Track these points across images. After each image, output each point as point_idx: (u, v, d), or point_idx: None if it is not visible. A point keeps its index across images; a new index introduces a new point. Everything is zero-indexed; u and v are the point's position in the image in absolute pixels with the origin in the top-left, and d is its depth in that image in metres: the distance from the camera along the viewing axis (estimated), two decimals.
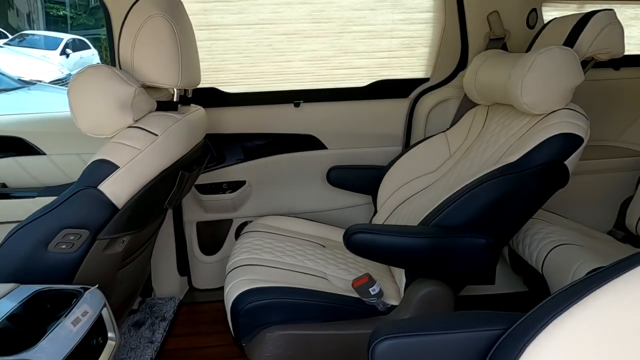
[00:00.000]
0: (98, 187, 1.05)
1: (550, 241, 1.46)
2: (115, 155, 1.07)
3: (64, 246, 1.07)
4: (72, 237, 1.07)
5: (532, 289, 1.60)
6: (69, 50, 9.69)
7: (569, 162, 1.18)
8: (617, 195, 1.87)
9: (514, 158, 1.19)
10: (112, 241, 1.13)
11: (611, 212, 1.90)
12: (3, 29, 10.69)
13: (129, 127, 1.11)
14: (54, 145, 1.75)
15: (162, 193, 1.23)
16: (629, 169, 1.84)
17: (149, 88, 1.21)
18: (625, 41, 1.33)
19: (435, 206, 1.24)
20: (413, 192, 1.62)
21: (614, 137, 1.93)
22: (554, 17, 1.46)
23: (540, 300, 0.63)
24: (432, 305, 1.20)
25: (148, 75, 1.17)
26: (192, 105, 1.44)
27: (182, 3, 1.26)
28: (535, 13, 1.65)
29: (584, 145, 1.19)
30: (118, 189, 1.07)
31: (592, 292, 0.56)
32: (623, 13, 1.79)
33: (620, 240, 1.70)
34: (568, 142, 1.16)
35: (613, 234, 1.76)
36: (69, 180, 1.77)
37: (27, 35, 10.23)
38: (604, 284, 0.56)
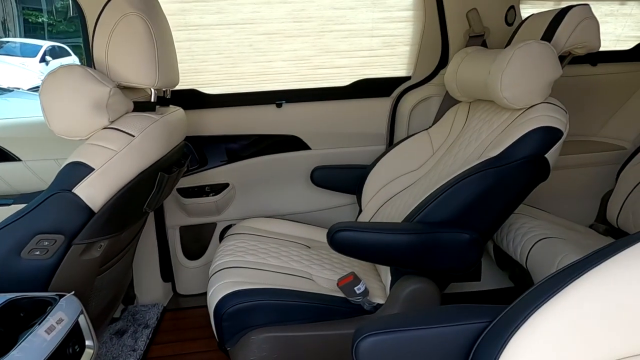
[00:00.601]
0: (73, 191, 1.02)
1: (533, 235, 1.47)
2: (90, 157, 1.04)
3: (37, 252, 1.03)
4: (46, 243, 1.03)
5: (518, 284, 1.61)
6: (48, 58, 9.50)
7: (550, 155, 1.19)
8: (597, 189, 1.89)
9: (495, 152, 1.20)
10: (89, 246, 1.10)
11: (593, 205, 1.92)
12: None
13: (105, 128, 1.08)
14: (29, 150, 1.70)
15: (140, 195, 1.20)
16: (609, 162, 1.86)
17: (125, 89, 1.19)
18: (601, 37, 1.35)
19: (418, 203, 1.24)
20: (397, 190, 1.62)
21: (593, 132, 1.95)
22: (532, 13, 1.47)
23: None
24: (418, 302, 1.20)
25: (124, 75, 1.14)
26: (170, 106, 1.41)
27: (158, 2, 1.24)
28: (513, 10, 1.66)
29: (563, 138, 1.19)
30: (94, 192, 1.04)
31: (573, 281, 0.56)
32: (598, 10, 1.82)
33: (602, 234, 1.72)
34: (548, 135, 1.17)
35: (595, 228, 1.78)
36: (45, 186, 1.72)
37: (5, 42, 10.02)
38: (584, 273, 0.56)
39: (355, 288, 1.20)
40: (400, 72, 1.82)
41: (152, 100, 1.23)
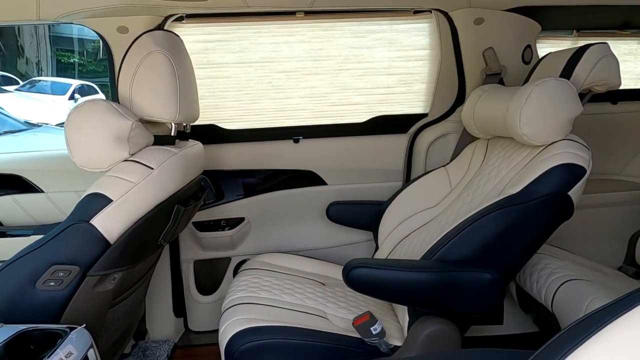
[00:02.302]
0: (90, 222, 1.03)
1: (558, 277, 1.41)
2: (109, 188, 1.06)
3: (52, 283, 1.03)
4: (61, 274, 1.03)
5: (543, 329, 1.52)
6: (77, 95, 9.95)
7: (573, 193, 1.15)
8: (624, 230, 1.82)
9: (516, 189, 1.17)
10: (103, 278, 1.09)
11: (620, 247, 1.85)
12: (12, 75, 11.06)
13: (125, 160, 1.10)
14: (52, 182, 1.74)
15: (156, 228, 1.20)
16: (635, 202, 1.80)
17: (147, 122, 1.22)
18: (621, 76, 1.34)
19: (437, 240, 1.21)
20: (415, 227, 1.58)
21: (617, 171, 1.90)
22: (549, 52, 1.48)
23: None
24: (438, 345, 1.14)
25: (146, 110, 1.17)
26: (190, 140, 1.44)
27: (182, 41, 1.29)
28: (530, 49, 1.67)
29: (587, 175, 1.16)
30: (111, 223, 1.04)
31: (603, 327, 0.52)
32: (617, 49, 1.82)
33: (631, 277, 1.64)
34: (570, 173, 1.14)
35: (624, 270, 1.70)
36: (65, 217, 1.75)
37: (38, 81, 10.56)
38: (616, 318, 0.52)
39: (372, 328, 1.15)
40: (417, 109, 1.83)
41: (172, 134, 1.26)
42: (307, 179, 1.84)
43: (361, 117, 1.82)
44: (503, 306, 1.78)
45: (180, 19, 1.58)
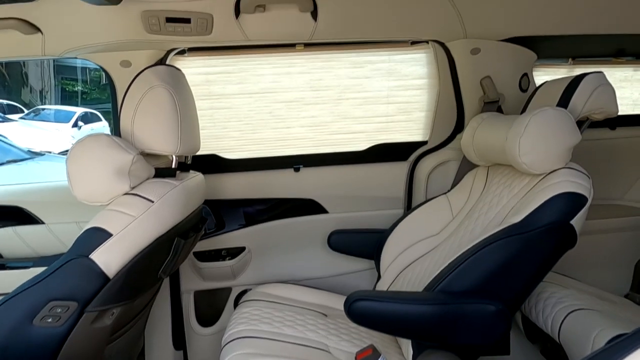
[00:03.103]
0: (89, 256, 1.02)
1: (564, 306, 1.38)
2: (109, 222, 1.05)
3: (50, 320, 1.01)
4: (59, 310, 1.02)
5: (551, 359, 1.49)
6: (81, 123, 10.07)
7: (575, 222, 1.14)
8: (629, 256, 1.80)
9: (518, 218, 1.16)
10: (101, 313, 1.08)
11: (625, 273, 1.82)
12: (17, 104, 11.23)
13: (125, 194, 1.10)
14: (52, 214, 1.74)
15: (156, 261, 1.19)
16: (637, 228, 1.79)
17: (148, 155, 1.23)
18: (618, 102, 1.35)
19: (439, 270, 1.19)
20: (417, 255, 1.57)
21: (618, 196, 1.90)
22: (545, 80, 1.50)
23: None
24: None
25: (147, 143, 1.18)
26: (191, 171, 1.44)
27: (183, 74, 1.31)
28: (526, 77, 1.70)
29: (588, 204, 1.16)
30: (110, 258, 1.04)
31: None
32: (613, 76, 1.85)
33: (638, 304, 1.61)
34: (572, 202, 1.14)
35: (631, 298, 1.67)
36: (65, 249, 1.74)
37: (42, 109, 10.72)
38: (630, 353, 0.50)
39: None
40: (417, 137, 1.85)
41: (173, 166, 1.26)
42: (308, 207, 1.83)
43: (361, 145, 1.83)
44: (509, 336, 1.75)
45: (182, 52, 1.62)
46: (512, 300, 1.15)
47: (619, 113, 1.36)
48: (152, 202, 1.11)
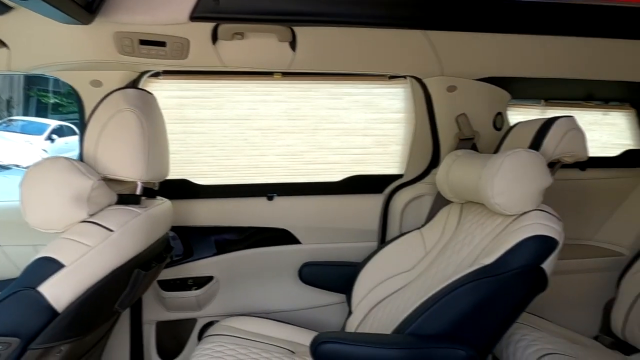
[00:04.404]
0: (37, 289, 0.95)
1: (536, 349, 1.36)
2: (62, 252, 0.99)
3: None
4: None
5: None
6: (54, 136, 9.78)
7: (546, 266, 1.14)
8: (599, 297, 1.81)
9: (489, 260, 1.14)
10: (46, 351, 0.99)
11: (595, 313, 1.83)
12: None
13: (82, 221, 1.04)
14: (7, 235, 1.64)
15: (113, 294, 1.12)
16: (607, 269, 1.80)
17: (111, 181, 1.17)
18: (587, 144, 1.38)
19: (410, 311, 1.16)
20: (389, 292, 1.53)
21: (588, 236, 1.92)
22: (519, 120, 1.52)
23: None
24: None
25: (111, 168, 1.13)
26: (158, 197, 1.38)
27: (154, 98, 1.28)
28: (501, 116, 1.72)
29: (559, 247, 1.16)
30: (60, 291, 0.97)
31: None
32: (583, 118, 1.89)
33: (608, 347, 1.61)
34: (543, 245, 1.13)
35: (601, 340, 1.67)
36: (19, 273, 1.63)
37: (15, 120, 10.40)
38: None
39: None
40: (392, 170, 1.84)
41: (138, 193, 1.21)
42: (281, 237, 1.79)
43: (337, 176, 1.81)
44: None
45: (156, 74, 1.58)
46: (483, 345, 1.12)
47: (590, 155, 1.38)
48: (112, 231, 1.05)
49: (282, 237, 1.79)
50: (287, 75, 1.65)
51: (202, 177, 1.74)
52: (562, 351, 1.34)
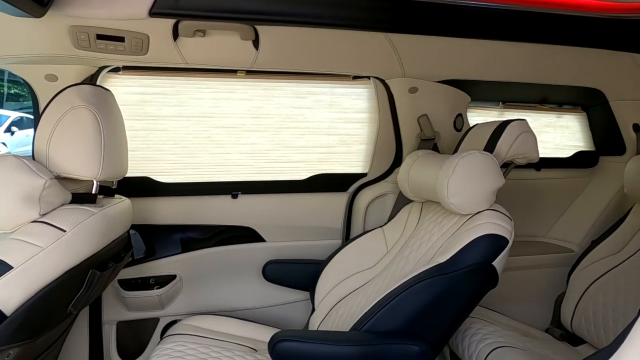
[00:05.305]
0: None
1: (488, 343, 1.42)
2: (11, 253, 0.96)
3: None
4: None
5: None
6: (14, 128, 9.35)
7: (497, 263, 1.19)
8: (551, 291, 1.90)
9: (444, 258, 1.19)
10: None
11: (547, 307, 1.91)
12: None
13: (33, 221, 1.01)
14: None
15: (66, 295, 1.09)
16: (559, 265, 1.89)
17: (66, 179, 1.14)
18: (542, 145, 1.44)
19: (368, 309, 1.19)
20: (350, 289, 1.56)
21: (541, 233, 2.01)
22: (477, 122, 1.57)
23: None
24: None
25: (64, 167, 1.10)
26: (116, 196, 1.36)
27: (111, 95, 1.25)
28: (461, 117, 1.77)
29: (509, 246, 1.21)
30: (8, 293, 0.94)
31: None
32: (537, 120, 1.98)
33: (558, 339, 1.69)
34: (494, 243, 1.18)
35: (551, 332, 1.75)
36: None
37: None
38: None
39: None
40: (357, 169, 1.86)
41: (93, 192, 1.18)
42: (245, 235, 1.78)
43: (301, 175, 1.82)
44: None
45: (116, 69, 1.54)
46: (436, 340, 1.16)
47: (544, 155, 1.44)
48: (64, 231, 1.02)
49: (246, 235, 1.78)
50: (251, 73, 1.64)
51: (165, 175, 1.71)
52: (513, 344, 1.40)
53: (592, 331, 1.58)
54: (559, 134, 1.99)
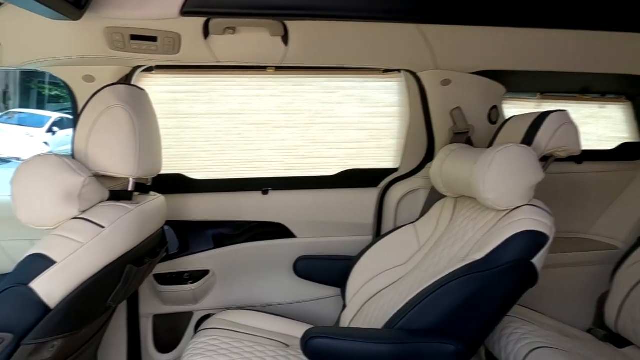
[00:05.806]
0: (29, 285, 0.96)
1: (527, 343, 1.37)
2: (54, 249, 0.99)
3: None
4: None
5: None
6: (55, 128, 9.78)
7: (537, 261, 1.14)
8: (593, 290, 1.82)
9: (480, 255, 1.15)
10: (40, 346, 1.00)
11: (588, 306, 1.83)
12: None
13: (74, 218, 1.05)
14: (4, 230, 1.65)
15: (105, 289, 1.13)
16: (602, 262, 1.81)
17: (103, 177, 1.17)
18: (584, 137, 1.37)
19: (401, 306, 1.17)
20: (382, 286, 1.54)
21: (583, 230, 1.92)
22: (514, 114, 1.51)
23: None
24: None
25: (102, 165, 1.13)
26: (151, 193, 1.39)
27: (146, 94, 1.27)
28: (496, 110, 1.71)
29: (550, 242, 1.16)
30: (52, 287, 0.97)
31: None
32: (579, 112, 1.89)
33: (601, 339, 1.61)
34: (534, 240, 1.13)
35: (594, 333, 1.67)
36: None
37: (16, 113, 10.39)
38: None
39: None
40: (387, 164, 1.84)
41: (130, 189, 1.21)
42: (276, 231, 1.79)
43: (331, 170, 1.81)
44: None
45: (149, 69, 1.58)
46: (473, 340, 1.13)
47: (585, 148, 1.38)
48: (103, 227, 1.05)
49: (277, 231, 1.79)
50: (280, 69, 1.65)
51: (197, 172, 1.74)
52: (553, 344, 1.34)
53: (639, 332, 1.50)
54: (602, 125, 1.90)
